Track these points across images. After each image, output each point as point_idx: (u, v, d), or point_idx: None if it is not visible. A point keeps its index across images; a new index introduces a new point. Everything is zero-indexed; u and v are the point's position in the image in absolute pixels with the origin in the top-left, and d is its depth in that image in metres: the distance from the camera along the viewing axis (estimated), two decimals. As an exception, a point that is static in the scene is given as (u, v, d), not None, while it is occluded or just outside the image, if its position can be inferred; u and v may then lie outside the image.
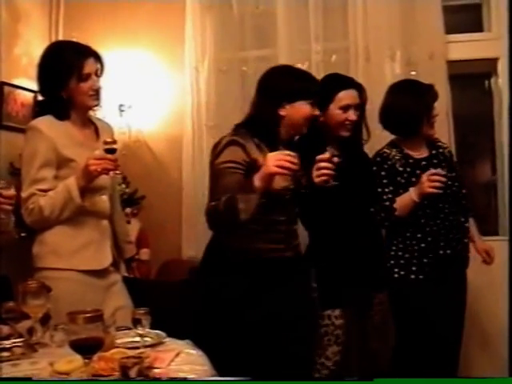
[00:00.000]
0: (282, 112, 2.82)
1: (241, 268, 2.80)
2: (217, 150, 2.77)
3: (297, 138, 3.02)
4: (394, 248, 3.24)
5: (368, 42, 4.00)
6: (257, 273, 2.78)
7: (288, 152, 2.53)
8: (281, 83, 2.88)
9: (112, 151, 2.62)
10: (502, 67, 4.08)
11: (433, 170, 3.10)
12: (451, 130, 3.91)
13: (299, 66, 3.99)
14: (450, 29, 4.01)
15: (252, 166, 2.69)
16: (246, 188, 2.56)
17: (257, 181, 2.53)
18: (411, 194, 3.13)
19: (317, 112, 2.89)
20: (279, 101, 2.82)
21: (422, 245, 3.18)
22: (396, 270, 3.21)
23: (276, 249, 2.85)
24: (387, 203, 3.19)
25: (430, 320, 3.16)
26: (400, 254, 3.21)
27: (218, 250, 2.92)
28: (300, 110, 2.83)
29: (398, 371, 3.23)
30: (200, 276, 3.01)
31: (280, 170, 2.47)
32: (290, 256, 2.90)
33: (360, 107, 3.20)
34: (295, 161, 2.49)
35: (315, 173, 2.70)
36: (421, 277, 3.17)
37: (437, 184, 3.04)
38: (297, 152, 2.80)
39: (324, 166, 2.68)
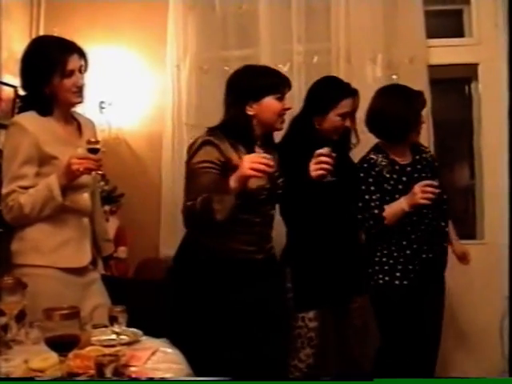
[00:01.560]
0: (250, 111, 2.83)
1: (211, 267, 2.82)
2: (192, 150, 2.79)
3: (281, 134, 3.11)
4: (378, 254, 3.24)
5: (350, 45, 4.00)
6: (227, 273, 2.80)
7: (264, 155, 2.57)
8: (244, 83, 2.89)
9: (95, 151, 2.60)
10: (482, 72, 4.11)
11: (426, 182, 3.08)
12: (431, 134, 3.94)
13: (281, 66, 4.00)
14: (432, 33, 4.04)
15: (227, 166, 2.71)
16: (222, 188, 2.59)
17: (232, 182, 2.56)
18: (402, 204, 3.12)
19: (287, 106, 2.89)
20: (245, 100, 2.83)
21: (408, 251, 3.19)
22: (380, 275, 3.21)
23: (248, 250, 2.86)
24: (376, 211, 3.17)
25: (414, 323, 3.17)
26: (384, 260, 3.22)
27: (190, 248, 2.94)
28: (268, 106, 2.83)
29: (382, 372, 3.25)
30: (172, 274, 3.01)
31: (254, 173, 2.50)
32: (261, 258, 2.91)
33: (352, 113, 3.24)
34: (270, 163, 2.52)
35: (313, 166, 2.73)
36: (405, 282, 3.18)
37: (430, 196, 3.03)
38: (275, 150, 2.87)
39: (323, 161, 2.71)
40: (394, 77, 3.93)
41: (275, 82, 2.86)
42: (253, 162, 2.50)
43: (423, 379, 3.02)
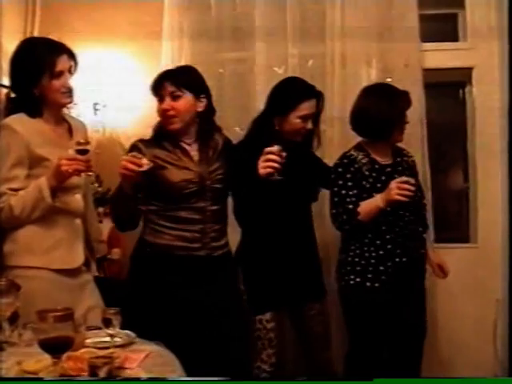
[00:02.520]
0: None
1: (159, 263, 2.90)
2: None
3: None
4: (351, 254, 3.22)
5: (345, 48, 4.00)
6: (172, 269, 2.87)
7: (135, 155, 2.70)
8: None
9: (84, 152, 2.59)
10: (476, 76, 4.12)
11: (403, 178, 3.07)
12: (425, 138, 3.94)
13: (275, 69, 4.01)
14: (426, 37, 4.05)
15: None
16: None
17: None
18: (377, 200, 3.10)
19: (165, 106, 2.96)
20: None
21: (381, 252, 3.16)
22: (352, 276, 3.19)
23: (189, 247, 2.90)
24: (350, 206, 3.15)
25: (384, 328, 3.16)
26: (356, 260, 3.19)
27: (141, 245, 3.01)
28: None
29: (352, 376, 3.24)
30: (129, 271, 3.07)
31: (125, 172, 2.65)
32: (204, 255, 2.93)
33: (316, 115, 3.22)
34: (140, 162, 2.63)
35: (261, 164, 2.73)
36: (376, 284, 3.15)
37: (405, 192, 3.01)
38: (209, 148, 3.00)
39: (271, 159, 2.71)
40: (389, 80, 3.93)
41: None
42: (125, 162, 2.65)
43: (423, 379, 3.04)
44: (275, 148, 2.72)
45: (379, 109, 3.15)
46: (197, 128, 2.98)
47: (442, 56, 4.08)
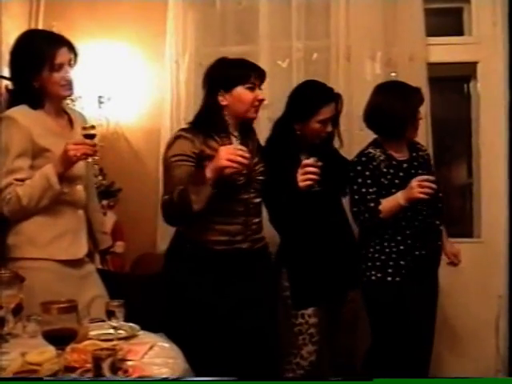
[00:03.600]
0: (223, 101, 2.87)
1: (199, 260, 2.86)
2: (167, 145, 2.88)
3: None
4: (371, 250, 3.24)
5: (349, 42, 3.99)
6: (213, 265, 2.84)
7: (239, 146, 2.64)
8: (215, 74, 2.93)
9: (91, 136, 2.62)
10: (481, 71, 4.11)
11: (424, 176, 3.09)
12: (429, 133, 3.93)
13: (280, 63, 4.01)
14: (431, 31, 4.03)
15: (202, 157, 2.77)
16: (198, 179, 2.65)
17: (208, 172, 2.63)
18: (398, 198, 3.12)
19: (260, 96, 2.90)
20: (216, 90, 2.87)
21: (401, 247, 3.18)
22: (373, 272, 3.21)
23: (232, 241, 2.89)
24: (372, 204, 3.16)
25: (406, 321, 3.17)
26: (377, 256, 3.21)
27: (179, 243, 2.98)
28: (240, 96, 2.87)
29: (373, 371, 3.24)
30: (164, 269, 3.04)
31: (230, 164, 2.57)
32: (247, 248, 2.93)
33: (335, 117, 3.23)
34: (246, 155, 2.58)
35: (301, 177, 2.77)
36: (397, 279, 3.17)
37: (427, 190, 3.03)
38: (252, 139, 2.97)
39: (310, 171, 2.75)
40: (393, 74, 3.92)
41: (246, 73, 2.88)
42: (229, 154, 2.57)
43: (423, 379, 3.03)
44: (312, 160, 2.77)
45: (393, 107, 3.17)
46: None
47: (446, 50, 4.07)
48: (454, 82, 4.42)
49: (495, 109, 3.99)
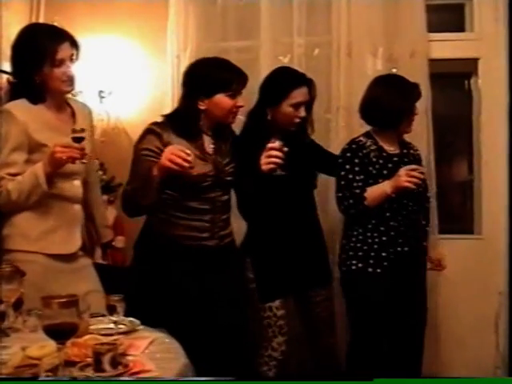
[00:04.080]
0: (202, 106, 2.86)
1: (166, 253, 2.88)
2: (139, 137, 2.91)
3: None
4: (353, 239, 3.24)
5: (350, 38, 3.98)
6: (178, 259, 2.86)
7: (182, 148, 2.61)
8: (197, 77, 2.91)
9: (79, 140, 2.59)
10: (482, 67, 4.11)
11: (413, 166, 3.10)
12: (430, 129, 3.93)
13: (281, 58, 4.00)
14: (433, 27, 4.02)
15: None
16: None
17: (154, 170, 2.65)
18: (385, 186, 3.12)
19: (239, 103, 2.89)
20: (196, 95, 2.86)
21: (384, 238, 3.18)
22: (354, 262, 3.21)
23: (199, 237, 2.89)
24: (357, 191, 3.16)
25: (385, 315, 3.17)
26: (359, 245, 3.21)
27: (147, 235, 3.00)
28: (219, 103, 2.86)
29: (355, 367, 3.26)
30: (132, 261, 3.07)
31: (170, 165, 2.57)
32: (214, 245, 2.93)
33: (309, 103, 3.22)
34: (188, 158, 2.56)
35: (264, 160, 2.76)
36: (378, 270, 3.17)
37: (414, 180, 3.04)
38: (226, 140, 2.99)
39: (273, 155, 2.74)
40: (394, 70, 3.92)
41: (228, 79, 2.86)
42: (171, 154, 2.57)
43: (423, 379, 3.05)
44: (277, 144, 2.75)
45: (390, 99, 3.18)
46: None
47: (448, 46, 4.06)
48: (455, 79, 4.42)
49: (496, 105, 3.99)
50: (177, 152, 2.57)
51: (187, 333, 2.64)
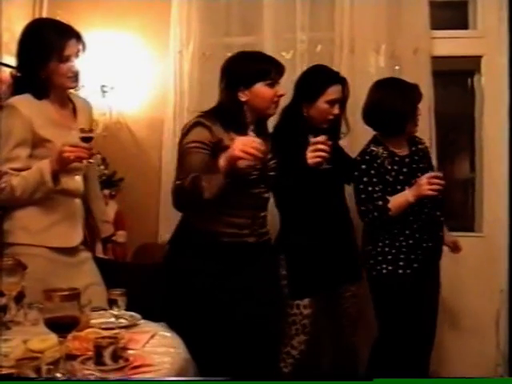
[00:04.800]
0: (242, 97, 2.84)
1: (204, 250, 2.84)
2: (184, 131, 2.84)
3: (274, 120, 3.17)
4: (380, 244, 3.25)
5: (353, 34, 3.98)
6: (219, 256, 2.82)
7: (254, 139, 2.59)
8: (235, 69, 2.90)
9: (88, 139, 2.60)
10: (485, 65, 4.11)
11: (432, 173, 3.12)
12: (432, 126, 3.93)
13: (284, 54, 4.00)
14: (436, 25, 4.02)
15: (218, 147, 2.74)
16: (212, 168, 2.62)
17: (221, 161, 2.59)
18: (407, 195, 3.14)
19: (280, 92, 2.88)
20: (236, 86, 2.85)
21: (410, 241, 3.21)
22: (384, 265, 3.22)
23: (240, 234, 2.88)
24: (380, 203, 3.17)
25: (415, 314, 3.19)
26: (387, 249, 3.23)
27: (184, 232, 2.97)
28: (260, 93, 2.84)
29: (379, 366, 3.27)
30: (167, 258, 3.02)
31: (244, 155, 2.52)
32: (253, 242, 2.92)
33: (343, 101, 3.25)
34: (261, 148, 2.54)
35: (310, 154, 2.76)
36: (408, 271, 3.19)
37: (436, 187, 3.06)
38: (268, 136, 2.94)
39: (320, 148, 2.74)
40: (397, 67, 3.93)
41: (266, 69, 2.85)
42: (244, 145, 2.52)
43: (423, 379, 3.05)
44: (322, 137, 2.77)
45: (393, 103, 3.19)
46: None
47: (451, 44, 4.05)
48: (457, 76, 4.41)
49: (499, 103, 3.99)
50: (250, 142, 2.54)
51: (220, 329, 2.68)
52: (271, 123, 3.20)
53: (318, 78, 3.23)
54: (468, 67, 4.26)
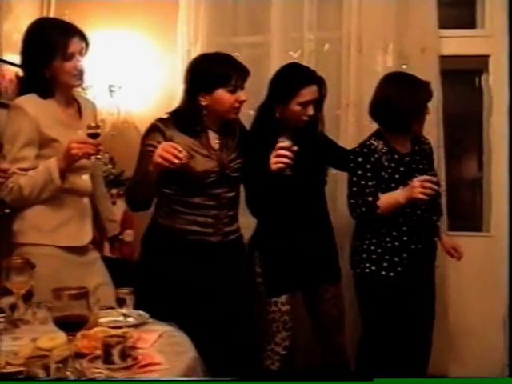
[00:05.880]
0: (203, 102, 2.84)
1: (170, 247, 2.90)
2: (145, 131, 2.91)
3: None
4: (366, 242, 3.21)
5: (361, 33, 3.97)
6: (184, 253, 2.87)
7: (175, 145, 2.59)
8: (196, 73, 2.90)
9: (95, 136, 2.60)
10: (493, 64, 4.10)
11: (426, 177, 3.03)
12: (440, 125, 3.92)
13: (291, 53, 4.00)
14: (444, 24, 4.01)
15: None
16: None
17: (150, 166, 2.64)
18: (398, 196, 3.07)
19: (242, 98, 2.86)
20: (197, 91, 2.84)
21: (396, 243, 3.16)
22: (367, 264, 3.19)
23: (203, 232, 2.90)
24: (370, 198, 3.12)
25: (399, 316, 3.16)
26: (372, 248, 3.19)
27: (153, 228, 3.02)
28: (220, 99, 2.83)
29: (365, 366, 3.26)
30: (139, 255, 3.07)
31: (161, 161, 2.55)
32: (217, 241, 2.93)
33: (319, 101, 3.19)
34: (180, 155, 2.54)
35: (273, 159, 2.73)
36: (391, 274, 3.15)
37: (428, 191, 2.98)
38: (232, 135, 2.97)
39: (283, 154, 2.71)
40: (405, 66, 3.91)
41: (227, 74, 2.82)
42: (163, 151, 2.55)
43: (423, 379, 3.04)
44: (286, 143, 2.72)
45: (401, 100, 3.09)
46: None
47: (459, 43, 4.05)
48: (465, 75, 4.41)
49: (506, 102, 3.97)
50: (168, 148, 2.56)
51: (191, 325, 2.67)
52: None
53: (291, 80, 3.14)
54: (476, 66, 4.26)
